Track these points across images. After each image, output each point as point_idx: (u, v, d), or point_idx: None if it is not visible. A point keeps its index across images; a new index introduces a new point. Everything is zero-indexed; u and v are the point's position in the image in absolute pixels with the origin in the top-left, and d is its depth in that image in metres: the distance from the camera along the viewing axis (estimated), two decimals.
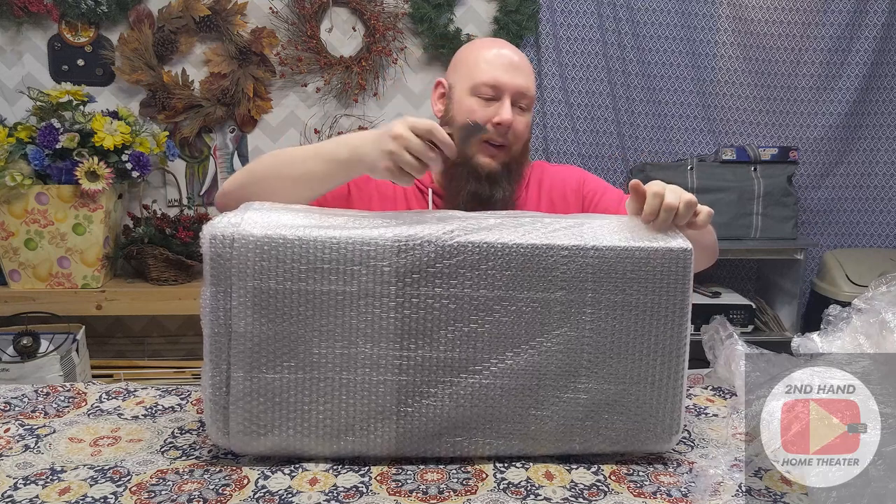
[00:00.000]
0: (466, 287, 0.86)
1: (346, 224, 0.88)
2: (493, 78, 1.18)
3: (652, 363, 0.90)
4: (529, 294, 0.87)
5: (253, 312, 0.85)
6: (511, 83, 1.18)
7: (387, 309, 0.86)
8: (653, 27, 2.64)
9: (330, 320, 0.86)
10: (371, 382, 0.87)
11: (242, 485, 0.84)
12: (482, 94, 1.19)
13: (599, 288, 0.88)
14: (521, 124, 1.21)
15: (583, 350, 0.89)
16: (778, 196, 2.54)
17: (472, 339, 0.87)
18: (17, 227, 2.18)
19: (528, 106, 1.22)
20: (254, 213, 0.89)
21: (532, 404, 0.89)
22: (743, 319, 2.51)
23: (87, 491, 0.82)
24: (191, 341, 2.54)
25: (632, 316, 0.89)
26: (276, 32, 2.52)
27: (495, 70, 1.19)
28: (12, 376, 2.01)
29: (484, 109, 1.18)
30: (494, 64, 1.20)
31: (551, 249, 0.87)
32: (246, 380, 0.86)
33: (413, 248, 0.85)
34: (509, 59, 1.21)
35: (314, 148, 1.07)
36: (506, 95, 1.18)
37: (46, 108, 2.21)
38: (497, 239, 0.87)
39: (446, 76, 1.28)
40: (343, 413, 0.87)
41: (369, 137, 0.99)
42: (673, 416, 0.92)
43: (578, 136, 2.66)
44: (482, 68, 1.20)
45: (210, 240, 0.85)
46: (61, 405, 1.06)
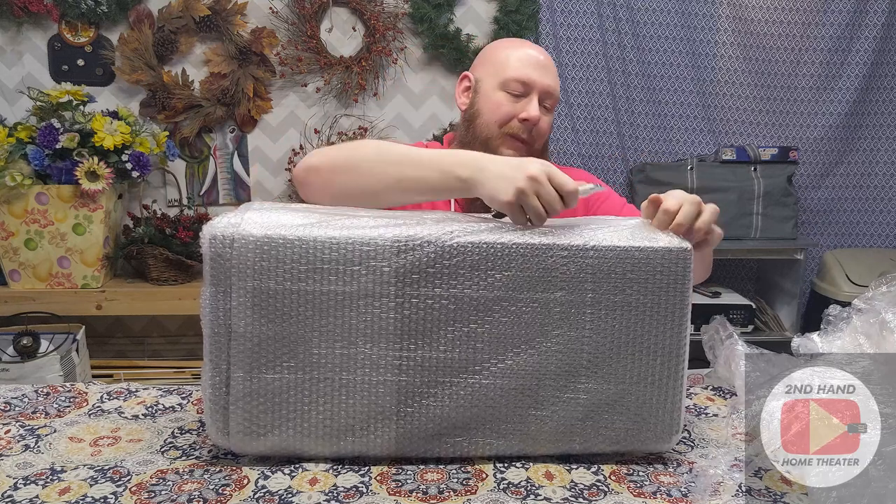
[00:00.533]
0: (466, 288, 0.86)
1: (346, 224, 0.87)
2: (524, 75, 1.22)
3: (652, 363, 0.90)
4: (529, 294, 0.87)
5: (252, 312, 0.85)
6: (540, 81, 1.22)
7: (386, 309, 0.86)
8: (653, 27, 2.64)
9: (330, 320, 0.86)
10: (371, 383, 0.87)
11: (242, 485, 0.84)
12: (512, 89, 1.22)
13: (599, 288, 0.88)
14: (546, 123, 1.25)
15: (583, 350, 0.89)
16: (778, 196, 2.54)
17: (472, 339, 0.87)
18: (17, 227, 2.18)
19: (552, 106, 1.26)
20: (254, 213, 0.89)
21: (532, 404, 0.89)
22: (743, 319, 2.51)
23: (87, 491, 0.82)
24: (191, 341, 2.54)
25: (632, 316, 0.89)
26: (276, 32, 2.52)
27: (525, 68, 1.23)
28: (12, 376, 2.01)
29: (512, 105, 1.22)
30: (525, 62, 1.23)
31: (551, 249, 0.87)
32: (246, 380, 0.86)
33: (413, 248, 0.85)
34: (539, 59, 1.25)
35: (429, 154, 1.00)
36: (534, 93, 1.22)
37: (46, 108, 2.21)
38: (496, 239, 0.87)
39: (472, 71, 1.31)
40: (343, 413, 0.87)
41: (501, 165, 0.93)
42: (673, 415, 0.92)
43: (578, 136, 2.66)
44: (513, 65, 1.23)
45: (210, 240, 0.85)
46: (62, 405, 1.06)
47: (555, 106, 1.27)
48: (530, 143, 1.23)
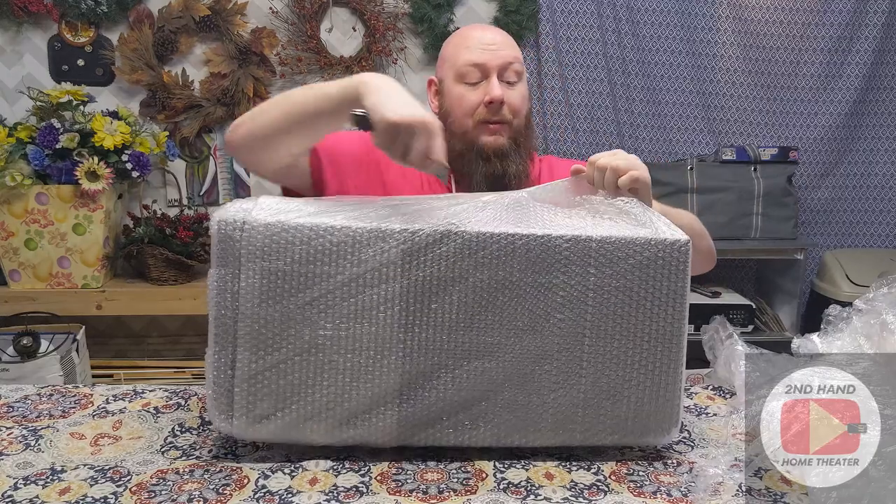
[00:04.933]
0: (469, 272, 0.88)
1: (354, 211, 0.90)
2: (474, 59, 1.21)
3: (652, 350, 0.91)
4: (532, 277, 0.89)
5: (260, 293, 0.86)
6: (492, 60, 1.20)
7: (391, 292, 0.87)
8: (653, 27, 2.64)
9: (336, 302, 0.87)
10: (375, 366, 0.88)
11: (242, 484, 0.84)
12: (469, 79, 1.21)
13: (601, 273, 0.90)
14: (515, 97, 1.22)
15: (584, 335, 0.90)
16: (778, 196, 2.54)
17: (475, 322, 0.89)
18: (17, 227, 2.18)
19: (518, 76, 1.23)
20: (266, 198, 0.92)
21: (534, 390, 0.90)
22: (743, 319, 2.51)
23: (88, 491, 0.83)
24: (191, 341, 2.54)
25: (633, 302, 0.90)
26: (276, 32, 2.52)
27: (473, 52, 1.21)
28: (12, 376, 2.01)
29: (474, 93, 1.21)
30: (473, 47, 1.22)
31: (553, 240, 0.89)
32: (252, 361, 0.87)
33: (417, 233, 0.87)
34: (485, 38, 1.23)
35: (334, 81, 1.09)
36: (491, 73, 1.20)
37: (46, 108, 2.21)
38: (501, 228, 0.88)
39: (436, 74, 1.30)
40: (346, 396, 0.88)
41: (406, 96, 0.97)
42: (673, 406, 0.93)
43: (578, 136, 2.66)
44: (462, 54, 1.22)
45: (219, 222, 0.86)
46: (67, 407, 1.06)
47: (522, 75, 1.24)
48: (507, 122, 1.21)
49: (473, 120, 1.21)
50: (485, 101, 1.19)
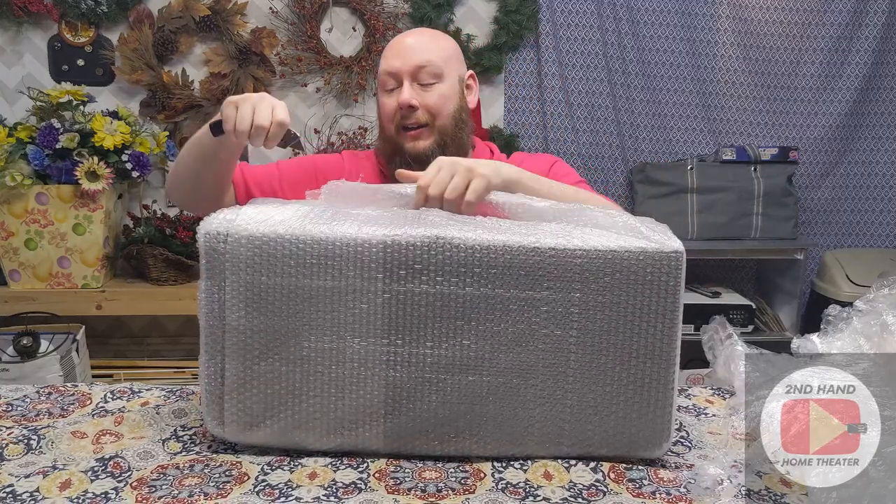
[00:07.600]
0: (452, 285, 0.86)
1: (336, 221, 0.89)
2: (387, 68, 1.23)
3: (641, 367, 0.88)
4: (516, 292, 0.87)
5: (245, 306, 0.86)
6: (403, 66, 1.22)
7: (374, 305, 0.86)
8: (653, 27, 2.64)
9: (319, 315, 0.87)
10: (360, 378, 0.88)
11: (243, 479, 0.85)
12: (386, 86, 1.24)
13: (586, 288, 0.87)
14: (433, 97, 1.23)
15: (570, 350, 0.88)
16: (778, 196, 2.54)
17: (459, 336, 0.87)
18: (17, 227, 2.18)
19: (436, 77, 1.23)
20: (250, 208, 0.91)
21: (519, 404, 0.89)
22: (743, 319, 2.51)
23: (88, 486, 0.83)
24: (191, 341, 2.54)
25: (620, 318, 0.87)
26: (276, 32, 2.52)
27: (388, 60, 1.24)
28: (12, 376, 2.01)
29: (391, 99, 1.23)
30: (388, 56, 1.25)
31: (538, 250, 0.86)
32: (240, 370, 0.87)
33: (400, 244, 0.85)
34: (402, 44, 1.25)
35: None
36: (404, 78, 1.22)
37: (46, 108, 2.21)
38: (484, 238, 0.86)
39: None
40: (333, 407, 0.88)
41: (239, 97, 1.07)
42: (663, 422, 0.90)
43: (578, 136, 2.66)
44: (382, 64, 1.26)
45: (204, 235, 0.87)
46: (66, 405, 1.06)
47: (440, 75, 1.23)
48: (427, 124, 1.22)
49: (394, 126, 1.24)
50: (398, 107, 1.22)
